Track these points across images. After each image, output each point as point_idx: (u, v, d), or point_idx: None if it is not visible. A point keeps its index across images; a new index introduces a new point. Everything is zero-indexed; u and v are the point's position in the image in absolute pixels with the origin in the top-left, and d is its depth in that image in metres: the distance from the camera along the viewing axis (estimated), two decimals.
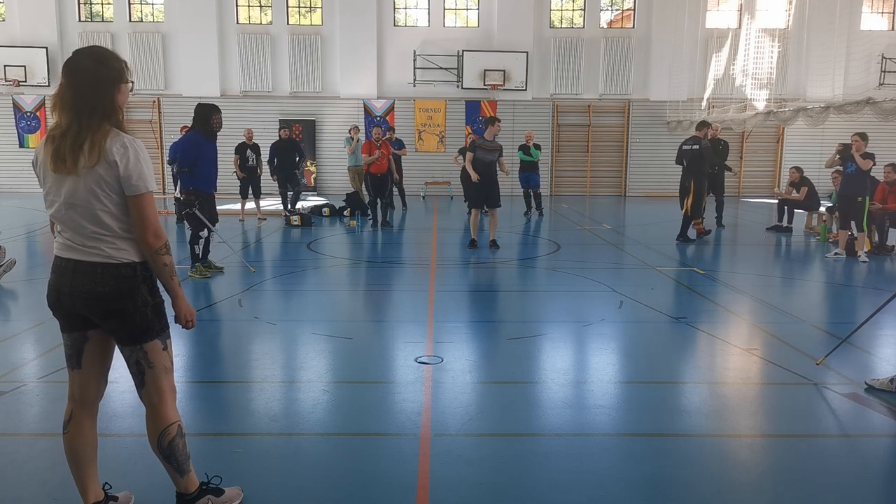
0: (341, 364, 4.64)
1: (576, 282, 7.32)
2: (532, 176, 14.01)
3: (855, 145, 8.60)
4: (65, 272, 2.30)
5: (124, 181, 2.21)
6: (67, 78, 2.22)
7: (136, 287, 2.30)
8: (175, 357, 4.67)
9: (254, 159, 12.41)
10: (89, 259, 2.26)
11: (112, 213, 2.24)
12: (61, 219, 2.28)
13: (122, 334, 2.35)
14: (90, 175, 2.19)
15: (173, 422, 2.46)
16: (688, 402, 4.02)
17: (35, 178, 2.39)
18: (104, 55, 2.26)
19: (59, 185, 2.24)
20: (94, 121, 2.20)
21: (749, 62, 16.69)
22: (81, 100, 2.20)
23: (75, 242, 2.28)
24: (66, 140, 2.19)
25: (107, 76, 2.23)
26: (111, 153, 2.19)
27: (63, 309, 2.36)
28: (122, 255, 2.27)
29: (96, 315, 2.32)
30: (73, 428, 2.45)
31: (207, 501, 2.56)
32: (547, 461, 3.12)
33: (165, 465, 2.50)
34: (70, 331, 2.41)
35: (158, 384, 2.41)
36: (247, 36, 19.01)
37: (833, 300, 7.09)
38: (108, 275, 2.26)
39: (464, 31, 19.36)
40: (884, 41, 18.73)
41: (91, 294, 2.27)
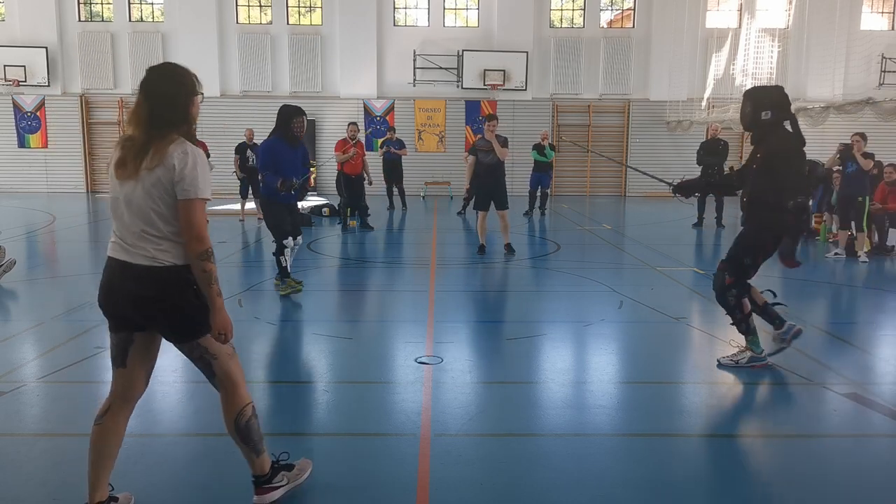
0: (341, 364, 4.64)
1: (576, 282, 7.32)
2: (544, 177, 14.01)
3: (856, 145, 8.60)
4: (114, 273, 2.40)
5: (177, 184, 2.30)
6: (143, 95, 2.36)
7: (181, 290, 2.38)
8: (175, 357, 4.68)
9: (254, 159, 12.40)
10: (136, 262, 2.35)
11: (162, 214, 2.33)
12: (117, 215, 2.39)
13: (172, 334, 2.44)
14: (150, 176, 2.30)
15: (247, 402, 2.55)
16: (688, 402, 4.02)
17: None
18: (176, 71, 2.42)
19: (122, 185, 2.36)
20: (165, 131, 2.32)
21: (749, 62, 16.69)
22: (155, 114, 2.33)
23: (125, 242, 2.37)
24: (133, 148, 2.33)
25: (179, 91, 2.38)
26: (172, 157, 2.30)
27: (111, 309, 2.45)
28: (165, 258, 2.35)
29: (142, 317, 2.40)
30: (107, 420, 2.49)
31: (283, 478, 2.66)
32: (547, 461, 3.12)
33: (242, 446, 2.58)
34: (117, 331, 2.48)
35: (227, 370, 2.50)
36: (247, 36, 19.01)
37: (833, 300, 7.09)
38: (153, 278, 2.34)
39: (464, 30, 19.35)
40: (884, 41, 18.72)
41: (137, 297, 2.36)
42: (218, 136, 16.38)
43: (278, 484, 2.65)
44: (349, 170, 11.14)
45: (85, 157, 19.35)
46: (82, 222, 12.85)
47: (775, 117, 4.23)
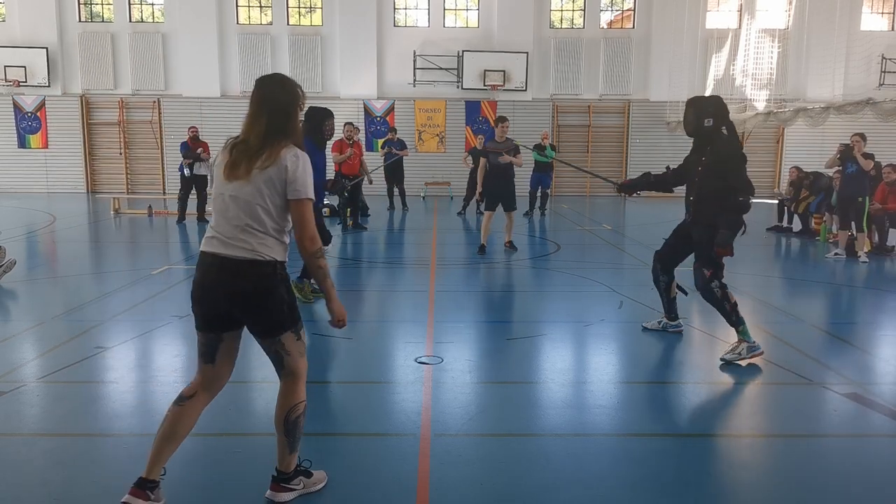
0: (341, 364, 4.64)
1: (576, 282, 7.32)
2: (544, 177, 14.02)
3: (856, 146, 8.60)
4: (210, 268, 2.47)
5: (289, 184, 2.41)
6: (258, 105, 2.46)
7: (275, 285, 2.46)
8: (175, 357, 4.72)
9: None
10: (234, 254, 2.41)
11: (269, 211, 2.42)
12: (221, 208, 2.45)
13: (261, 328, 2.52)
14: (262, 175, 2.39)
15: (302, 400, 2.64)
16: (688, 402, 4.02)
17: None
18: (288, 82, 2.52)
19: (230, 183, 2.44)
20: (278, 138, 2.43)
21: (749, 62, 16.71)
22: (269, 123, 2.43)
23: (225, 235, 2.44)
24: (246, 153, 2.42)
25: (290, 101, 2.48)
26: (285, 159, 2.41)
27: (205, 306, 2.51)
28: (265, 252, 2.43)
29: (237, 309, 2.48)
30: (189, 404, 2.58)
31: (300, 482, 2.72)
32: (547, 461, 3.12)
33: (283, 439, 2.65)
34: (206, 331, 2.56)
35: (295, 367, 2.60)
36: (247, 36, 19.01)
37: (833, 300, 7.09)
38: (250, 272, 2.42)
39: (464, 31, 19.36)
40: (884, 41, 18.72)
41: (234, 290, 2.43)
42: (218, 137, 16.38)
43: (294, 486, 2.69)
44: (346, 170, 11.10)
45: (85, 157, 19.35)
46: (82, 222, 12.85)
47: (716, 124, 4.63)
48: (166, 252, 9.80)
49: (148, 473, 2.53)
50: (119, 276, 7.38)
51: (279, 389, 2.64)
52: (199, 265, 2.51)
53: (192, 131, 12.22)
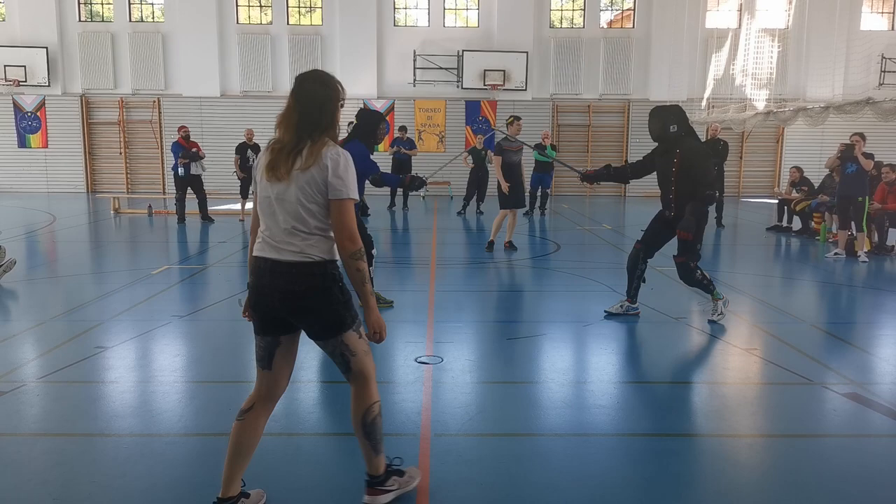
0: None
1: (576, 282, 7.32)
2: (545, 176, 14.02)
3: (857, 146, 8.60)
4: (263, 273, 2.45)
5: (331, 184, 2.37)
6: (295, 100, 2.42)
7: (328, 285, 2.44)
8: (175, 357, 4.72)
9: (254, 159, 12.38)
10: (284, 258, 2.40)
11: (312, 212, 2.39)
12: (267, 211, 2.44)
13: (318, 330, 2.50)
14: (303, 176, 2.36)
15: (376, 400, 2.62)
16: (688, 402, 4.02)
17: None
18: (327, 78, 2.48)
19: (273, 186, 2.42)
20: (315, 135, 2.40)
21: (749, 62, 16.70)
22: (307, 119, 2.40)
23: (274, 239, 2.43)
24: (284, 152, 2.39)
25: (330, 96, 2.44)
26: (325, 158, 2.37)
27: (262, 310, 2.49)
28: (313, 252, 2.41)
29: (292, 313, 2.45)
30: (249, 417, 2.56)
31: (394, 482, 2.71)
32: (547, 461, 3.12)
33: (365, 442, 2.63)
34: (264, 334, 2.53)
35: (363, 367, 2.57)
36: (247, 36, 19.01)
37: (833, 300, 7.09)
38: (302, 274, 2.40)
39: (464, 31, 19.36)
40: (883, 41, 18.72)
41: (287, 293, 2.41)
42: (218, 137, 16.38)
43: (390, 487, 2.69)
44: None
45: (85, 157, 19.35)
46: (82, 222, 12.85)
47: (680, 130, 5.26)
48: (166, 252, 9.80)
49: (225, 493, 2.52)
50: (119, 276, 7.38)
51: (351, 395, 2.61)
52: (253, 270, 2.50)
53: (184, 131, 12.03)
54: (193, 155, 11.86)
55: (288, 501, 2.76)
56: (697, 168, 5.15)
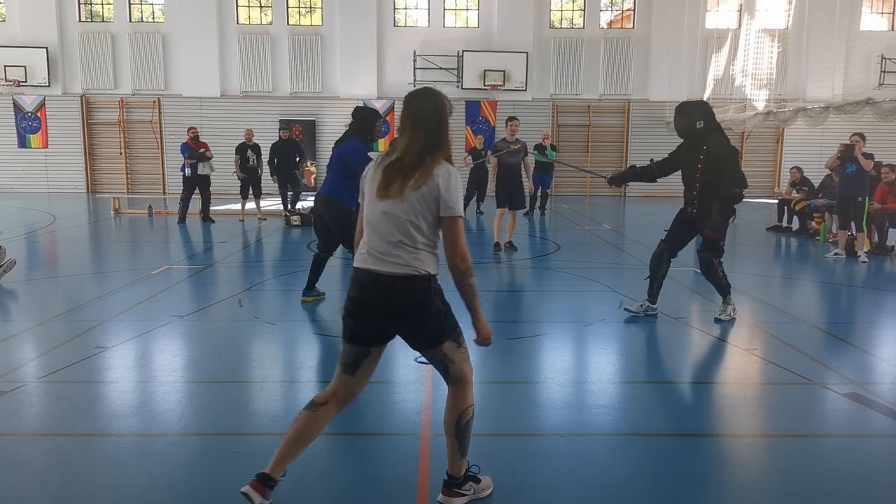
0: None
1: (576, 282, 7.32)
2: (545, 177, 14.04)
3: (857, 146, 8.60)
4: (365, 285, 2.48)
5: (443, 202, 2.42)
6: (416, 122, 2.46)
7: (430, 298, 2.49)
8: (175, 357, 4.72)
9: (254, 159, 12.41)
10: (388, 270, 2.43)
11: (420, 228, 2.44)
12: (374, 222, 2.47)
13: (420, 341, 2.56)
14: (415, 194, 2.41)
15: (471, 404, 2.65)
16: (688, 402, 4.02)
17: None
18: (440, 98, 2.53)
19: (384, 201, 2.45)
20: (433, 154, 2.45)
21: (749, 62, 16.70)
22: (426, 139, 2.45)
23: (378, 252, 2.46)
24: (400, 171, 2.43)
25: (444, 116, 2.50)
26: (437, 177, 2.42)
27: (361, 322, 2.52)
28: (419, 266, 2.45)
29: (394, 325, 2.51)
30: (322, 410, 2.61)
31: (470, 487, 2.73)
32: (547, 461, 3.12)
33: (455, 443, 2.65)
34: (355, 343, 2.56)
35: (461, 374, 2.62)
36: (247, 36, 19.02)
37: (833, 300, 7.09)
38: (405, 287, 2.44)
39: (464, 31, 19.36)
40: (883, 41, 18.73)
41: (390, 306, 2.45)
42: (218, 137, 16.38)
43: (465, 492, 2.70)
44: None
45: (85, 157, 19.36)
46: (82, 223, 12.85)
47: (706, 126, 5.20)
48: (166, 252, 9.80)
49: (271, 471, 2.56)
50: (119, 276, 7.38)
51: (448, 396, 2.65)
52: (355, 281, 2.52)
53: (192, 131, 12.19)
54: (200, 155, 11.89)
55: (288, 501, 2.76)
56: (724, 165, 5.13)
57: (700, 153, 5.18)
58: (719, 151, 5.14)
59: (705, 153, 5.15)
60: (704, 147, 5.16)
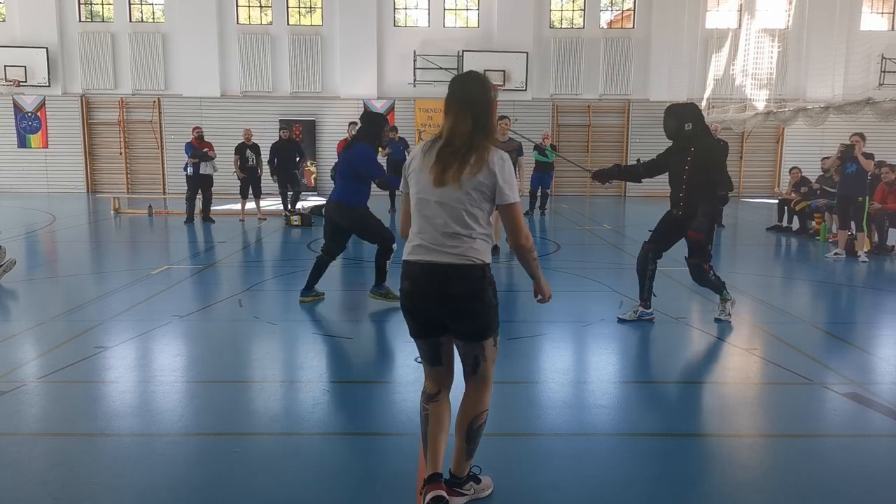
0: (341, 364, 4.64)
1: (576, 282, 7.32)
2: (545, 177, 14.04)
3: (857, 146, 8.60)
4: (419, 276, 2.47)
5: (499, 190, 2.41)
6: (463, 105, 2.43)
7: (484, 288, 2.46)
8: (175, 357, 4.72)
9: (253, 159, 12.42)
10: (444, 260, 2.42)
11: (475, 216, 2.42)
12: (428, 213, 2.44)
13: (469, 332, 2.52)
14: (471, 181, 2.39)
15: (487, 409, 2.66)
16: (688, 401, 4.02)
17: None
18: (487, 82, 2.51)
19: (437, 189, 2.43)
20: (483, 140, 2.43)
21: (749, 62, 16.70)
22: (476, 124, 2.42)
23: (432, 243, 2.44)
24: (456, 158, 2.40)
25: (490, 100, 2.48)
26: (493, 163, 2.41)
27: (419, 313, 2.53)
28: (475, 255, 2.43)
29: (449, 315, 2.49)
30: (441, 397, 2.64)
31: (470, 487, 2.74)
32: (547, 461, 3.12)
33: (463, 445, 2.65)
34: (425, 337, 2.59)
35: (487, 374, 2.61)
36: (247, 36, 19.02)
37: (833, 300, 7.09)
38: (460, 276, 2.43)
39: (464, 31, 19.36)
40: (883, 41, 18.72)
41: (445, 295, 2.44)
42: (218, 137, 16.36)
43: (465, 491, 2.71)
44: None
45: (85, 157, 19.36)
46: (82, 222, 12.85)
47: (695, 128, 5.19)
48: (166, 252, 9.80)
49: (435, 467, 2.59)
50: (119, 276, 7.38)
51: (466, 395, 2.62)
52: (407, 275, 2.51)
53: (197, 131, 12.20)
54: (203, 155, 11.91)
55: (288, 501, 2.76)
56: (712, 168, 5.13)
57: (688, 155, 5.17)
58: (707, 154, 5.14)
59: (693, 155, 5.15)
60: (692, 149, 5.16)
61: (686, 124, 5.17)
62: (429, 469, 2.60)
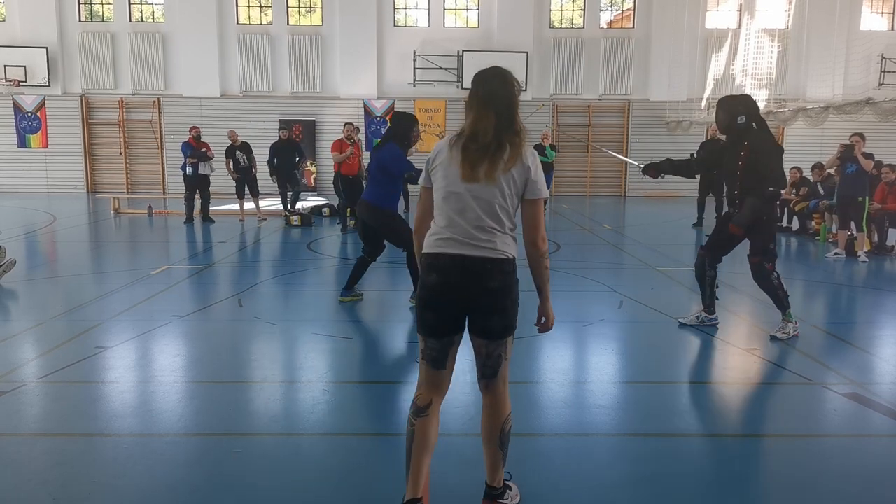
0: (341, 364, 4.64)
1: (576, 282, 7.32)
2: (545, 177, 14.03)
3: (857, 146, 8.60)
4: (451, 269, 2.40)
5: (531, 185, 2.42)
6: (487, 100, 2.41)
7: (514, 283, 2.46)
8: (175, 357, 4.72)
9: (245, 159, 12.38)
10: (478, 254, 2.37)
11: (508, 211, 2.41)
12: (459, 208, 2.39)
13: (498, 328, 2.47)
14: (505, 176, 2.37)
15: (511, 410, 2.60)
16: (688, 402, 4.02)
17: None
18: (511, 77, 2.50)
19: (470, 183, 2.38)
20: (511, 135, 2.41)
21: (749, 62, 16.69)
22: (501, 118, 2.40)
23: (464, 237, 2.39)
24: (487, 154, 2.37)
25: (515, 95, 2.47)
26: (527, 158, 2.42)
27: (444, 308, 2.43)
28: (507, 250, 2.42)
29: (482, 310, 2.43)
30: (431, 413, 2.54)
31: (508, 497, 2.68)
32: (547, 461, 3.12)
33: (497, 452, 2.57)
34: (440, 336, 2.48)
35: (506, 375, 2.57)
36: (247, 36, 19.01)
37: (833, 300, 7.09)
38: (496, 270, 2.39)
39: (464, 31, 19.36)
40: (883, 41, 18.72)
41: (482, 289, 2.39)
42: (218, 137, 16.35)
43: (507, 501, 2.66)
44: (346, 170, 10.97)
45: (85, 157, 19.35)
46: (82, 222, 12.85)
47: (748, 121, 4.91)
48: (166, 252, 9.80)
49: (415, 493, 2.48)
50: (119, 277, 7.38)
51: (489, 404, 2.55)
52: (435, 268, 2.42)
53: (195, 131, 12.21)
54: (201, 154, 11.90)
55: (288, 501, 2.76)
56: (763, 162, 4.82)
57: (741, 149, 4.89)
58: (759, 148, 4.83)
59: (746, 150, 4.86)
60: (746, 143, 4.87)
61: (739, 117, 4.88)
62: (408, 494, 2.47)
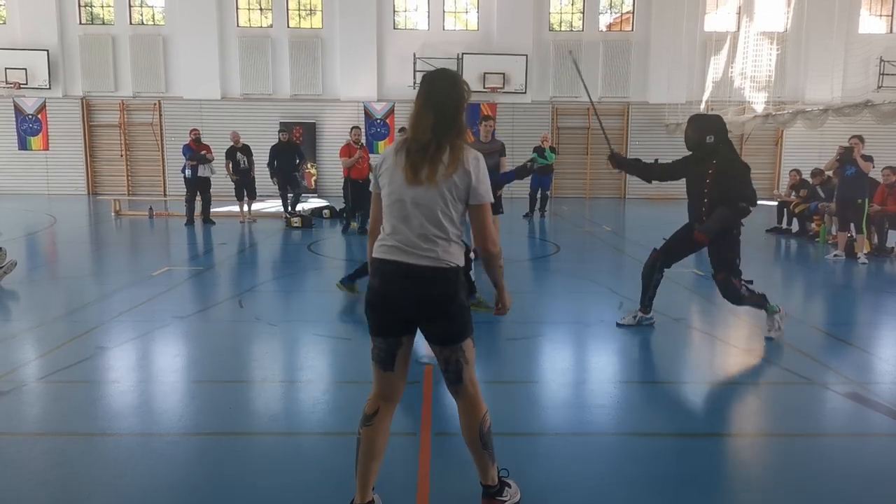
0: (341, 364, 4.64)
1: (576, 283, 7.32)
2: (545, 179, 14.06)
3: (856, 148, 8.62)
4: (394, 276, 2.40)
5: (473, 190, 2.38)
6: (427, 100, 2.39)
7: (458, 290, 2.43)
8: (175, 357, 4.72)
9: (245, 161, 12.39)
10: (421, 263, 2.37)
11: (451, 217, 2.39)
12: (402, 216, 2.39)
13: (447, 335, 2.47)
14: (447, 181, 2.35)
15: (486, 409, 2.60)
16: (688, 402, 4.02)
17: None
18: (457, 78, 2.47)
19: (412, 188, 2.37)
20: (452, 137, 2.38)
21: (748, 65, 16.72)
22: (442, 119, 2.36)
23: (407, 245, 2.38)
24: (427, 155, 2.35)
25: (461, 97, 2.42)
26: (467, 163, 2.37)
27: (389, 312, 2.45)
28: (450, 259, 2.40)
29: (425, 318, 2.44)
30: (377, 422, 2.55)
31: (507, 494, 2.69)
32: (547, 461, 3.12)
33: (482, 453, 2.58)
34: (386, 336, 2.49)
35: (472, 376, 2.55)
36: (247, 39, 19.05)
37: (833, 301, 7.09)
38: (438, 279, 2.38)
39: (463, 34, 19.39)
40: (882, 44, 18.75)
41: (424, 297, 2.39)
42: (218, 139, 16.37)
43: (505, 498, 2.67)
44: (355, 175, 10.99)
45: (86, 159, 19.37)
46: (83, 224, 12.85)
47: (717, 141, 4.99)
48: (167, 253, 9.80)
49: (362, 498, 2.51)
50: (119, 278, 7.38)
51: (461, 409, 2.57)
52: (379, 273, 2.44)
53: (195, 133, 12.23)
54: (201, 157, 11.92)
55: (288, 501, 2.76)
56: (733, 179, 4.89)
57: (709, 167, 4.97)
58: (728, 166, 4.93)
59: (714, 168, 4.95)
60: (714, 161, 4.96)
61: (708, 136, 4.97)
62: (357, 498, 2.52)
